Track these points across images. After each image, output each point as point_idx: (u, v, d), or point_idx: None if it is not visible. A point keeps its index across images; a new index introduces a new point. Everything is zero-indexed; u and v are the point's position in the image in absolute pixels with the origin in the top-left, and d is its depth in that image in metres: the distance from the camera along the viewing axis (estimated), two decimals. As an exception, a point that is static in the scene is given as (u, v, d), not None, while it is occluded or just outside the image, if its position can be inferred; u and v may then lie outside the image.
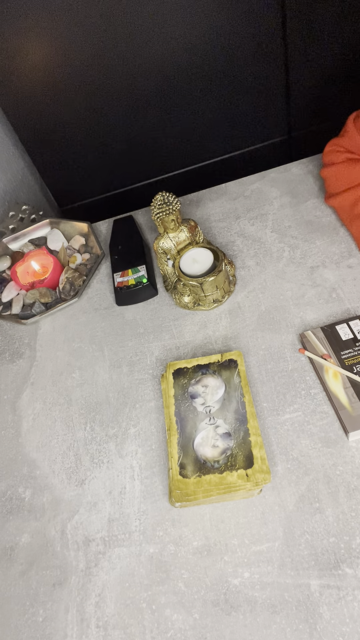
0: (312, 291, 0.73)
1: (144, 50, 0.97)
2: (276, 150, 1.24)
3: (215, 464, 0.56)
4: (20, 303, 0.85)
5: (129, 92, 1.03)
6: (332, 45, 1.06)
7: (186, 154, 1.21)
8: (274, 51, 1.03)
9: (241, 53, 1.02)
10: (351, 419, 0.57)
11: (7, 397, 0.74)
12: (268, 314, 0.73)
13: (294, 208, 0.86)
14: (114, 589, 0.53)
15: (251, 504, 0.56)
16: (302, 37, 1.02)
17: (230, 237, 0.85)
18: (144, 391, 0.69)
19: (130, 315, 0.79)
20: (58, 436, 0.68)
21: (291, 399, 0.63)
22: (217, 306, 0.75)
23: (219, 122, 1.14)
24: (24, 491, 0.63)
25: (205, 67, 1.02)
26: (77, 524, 0.59)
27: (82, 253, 0.90)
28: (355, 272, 0.73)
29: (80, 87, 1.00)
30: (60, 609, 0.53)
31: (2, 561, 0.58)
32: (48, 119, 1.05)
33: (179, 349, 0.72)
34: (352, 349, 0.63)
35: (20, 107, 1.02)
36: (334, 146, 0.80)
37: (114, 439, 0.65)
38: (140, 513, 0.58)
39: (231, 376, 0.64)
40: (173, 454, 0.58)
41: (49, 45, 0.93)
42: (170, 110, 1.09)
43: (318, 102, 1.16)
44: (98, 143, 1.12)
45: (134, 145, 1.15)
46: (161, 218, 0.72)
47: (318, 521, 0.53)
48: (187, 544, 0.55)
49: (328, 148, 0.81)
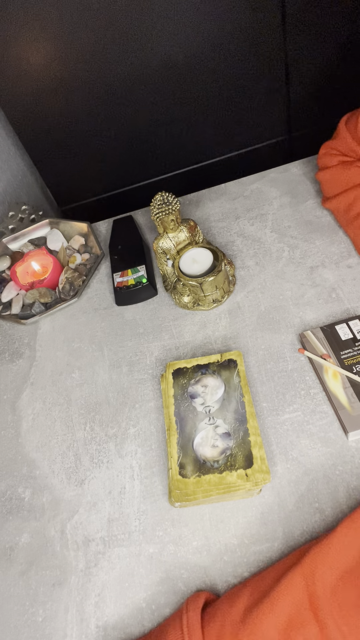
0: (311, 291, 0.73)
1: (144, 50, 0.97)
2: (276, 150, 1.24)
3: (214, 463, 0.56)
4: (20, 303, 0.85)
5: (129, 92, 1.03)
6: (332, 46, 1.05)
7: (186, 154, 1.21)
8: (274, 51, 1.03)
9: (241, 53, 1.02)
10: (351, 418, 0.57)
11: (7, 397, 0.74)
12: (268, 314, 0.73)
13: (293, 208, 0.86)
14: (114, 589, 0.53)
15: (251, 504, 0.56)
16: (302, 37, 1.02)
17: (230, 237, 0.85)
18: (143, 391, 0.69)
19: (130, 315, 0.79)
20: (58, 436, 0.68)
21: (291, 399, 0.63)
22: (217, 306, 0.75)
23: (218, 122, 1.14)
24: (23, 491, 0.63)
25: (205, 67, 1.02)
26: (76, 524, 0.59)
27: (82, 253, 0.90)
28: (355, 272, 0.73)
29: (80, 88, 1.00)
30: (59, 609, 0.53)
31: (2, 561, 0.58)
32: (48, 119, 1.05)
33: (178, 349, 0.72)
34: (351, 348, 0.63)
35: (20, 107, 1.02)
36: (327, 149, 0.80)
37: (113, 439, 0.65)
38: (140, 513, 0.58)
39: (231, 376, 0.64)
40: (173, 454, 0.58)
41: (49, 45, 0.93)
42: (170, 110, 1.09)
43: (318, 102, 1.16)
44: (98, 143, 1.12)
45: (134, 145, 1.15)
46: (161, 218, 0.72)
47: (318, 521, 0.53)
48: (186, 544, 0.55)
49: (322, 151, 0.81)
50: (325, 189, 0.80)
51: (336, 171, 0.77)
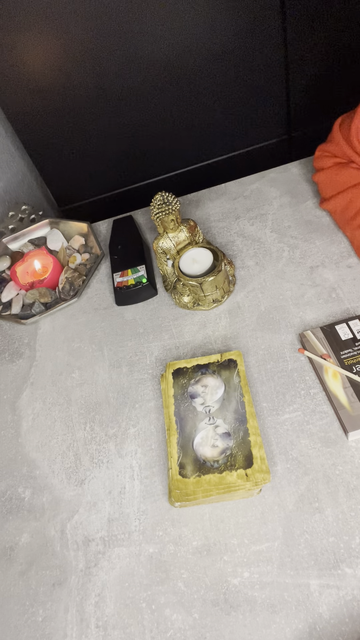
0: (311, 291, 0.73)
1: (144, 50, 0.97)
2: (276, 150, 1.24)
3: (214, 463, 0.56)
4: (20, 303, 0.85)
5: (129, 92, 1.03)
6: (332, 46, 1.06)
7: (186, 154, 1.21)
8: (274, 51, 1.03)
9: (241, 53, 1.02)
10: (350, 418, 0.57)
11: (7, 397, 0.74)
12: (268, 313, 0.73)
13: (293, 208, 0.86)
14: (114, 589, 0.53)
15: (251, 504, 0.56)
16: (303, 37, 1.02)
17: (230, 237, 0.85)
18: (143, 391, 0.69)
19: (130, 315, 0.79)
20: (58, 436, 0.68)
21: (291, 399, 0.63)
22: (217, 306, 0.75)
23: (218, 122, 1.14)
24: (23, 491, 0.63)
25: (205, 67, 1.02)
26: (76, 524, 0.59)
27: (82, 253, 0.90)
28: (355, 272, 0.73)
29: (80, 88, 1.00)
30: (59, 609, 0.53)
31: (2, 561, 0.58)
32: (48, 118, 1.05)
33: (178, 349, 0.72)
34: (351, 348, 0.63)
35: (20, 106, 1.02)
36: (322, 152, 0.80)
37: (113, 439, 0.65)
38: (140, 513, 0.58)
39: (231, 376, 0.64)
40: (173, 453, 0.58)
41: (49, 45, 0.93)
42: (170, 110, 1.09)
43: (318, 102, 1.16)
44: (98, 143, 1.12)
45: (134, 145, 1.15)
46: (161, 218, 0.72)
47: (317, 521, 0.53)
48: (186, 544, 0.55)
49: (317, 154, 0.81)
50: (322, 191, 0.80)
51: (332, 173, 0.77)
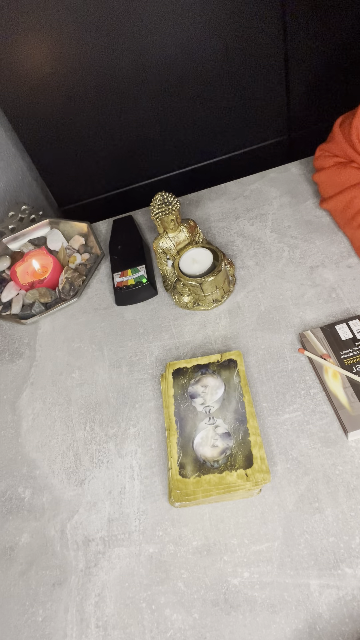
0: (311, 291, 0.73)
1: (145, 50, 0.97)
2: (276, 150, 1.24)
3: (214, 463, 0.56)
4: (20, 303, 0.85)
5: (128, 92, 1.03)
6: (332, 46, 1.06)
7: (186, 154, 1.21)
8: (274, 51, 1.03)
9: (241, 53, 1.02)
10: (350, 418, 0.57)
11: (7, 397, 0.74)
12: (268, 313, 0.73)
13: (293, 208, 0.86)
14: (114, 589, 0.53)
15: (251, 504, 0.56)
16: (302, 37, 1.02)
17: (230, 237, 0.85)
18: (143, 391, 0.69)
19: (130, 315, 0.79)
20: (58, 436, 0.68)
21: (291, 399, 0.63)
22: (217, 306, 0.75)
23: (218, 122, 1.14)
24: (23, 491, 0.63)
25: (205, 67, 1.02)
26: (76, 524, 0.59)
27: (82, 253, 0.90)
28: (355, 272, 0.73)
29: (80, 88, 1.01)
30: (59, 609, 0.53)
31: (2, 561, 0.58)
32: (48, 118, 1.05)
33: (178, 349, 0.72)
34: (351, 348, 0.63)
35: (20, 107, 1.02)
36: (322, 151, 0.80)
37: (113, 439, 0.65)
38: (140, 513, 0.58)
39: (231, 376, 0.64)
40: (172, 453, 0.58)
41: (49, 45, 0.93)
42: (170, 110, 1.09)
43: (318, 102, 1.16)
44: (98, 143, 1.12)
45: (133, 145, 1.15)
46: (161, 218, 0.72)
47: (317, 521, 0.53)
48: (186, 544, 0.55)
49: (317, 153, 0.81)
50: (322, 190, 0.80)
51: (332, 172, 0.77)
